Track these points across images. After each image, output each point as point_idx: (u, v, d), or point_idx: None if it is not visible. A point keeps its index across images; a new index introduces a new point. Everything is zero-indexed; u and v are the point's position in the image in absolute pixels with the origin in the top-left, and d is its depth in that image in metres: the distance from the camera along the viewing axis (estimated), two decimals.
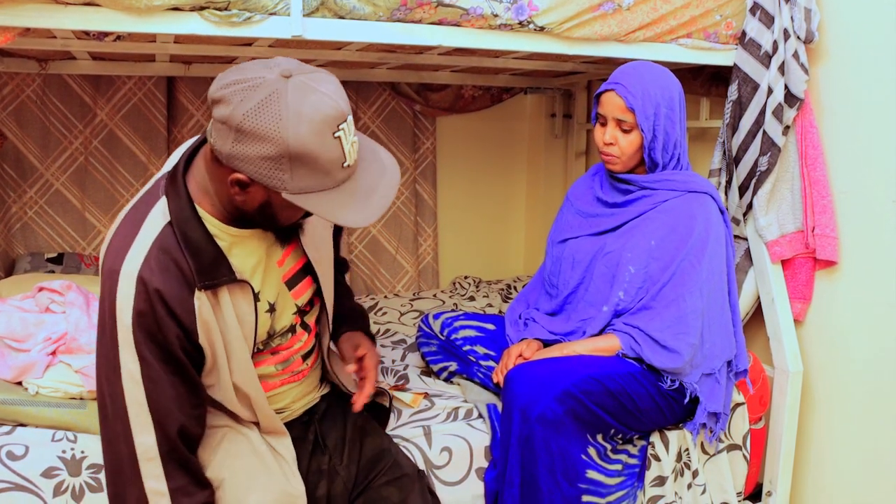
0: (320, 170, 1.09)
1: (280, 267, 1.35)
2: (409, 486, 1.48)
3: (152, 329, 1.14)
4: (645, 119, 1.67)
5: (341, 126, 1.08)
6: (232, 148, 1.07)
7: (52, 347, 1.60)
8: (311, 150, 1.06)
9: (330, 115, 1.07)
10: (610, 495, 1.66)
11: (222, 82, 1.08)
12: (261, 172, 1.07)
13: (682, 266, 1.68)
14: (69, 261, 2.52)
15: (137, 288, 1.13)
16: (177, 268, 1.16)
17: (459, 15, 1.62)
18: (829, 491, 2.00)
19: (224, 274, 1.19)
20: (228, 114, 1.05)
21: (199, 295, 1.17)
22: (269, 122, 1.04)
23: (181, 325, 1.16)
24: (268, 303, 1.33)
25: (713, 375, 1.74)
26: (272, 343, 1.37)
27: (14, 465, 1.43)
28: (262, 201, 1.15)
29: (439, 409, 1.79)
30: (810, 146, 1.94)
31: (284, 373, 1.44)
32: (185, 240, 1.16)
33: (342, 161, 1.10)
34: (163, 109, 2.66)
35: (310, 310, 1.45)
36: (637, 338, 1.68)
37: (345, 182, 1.13)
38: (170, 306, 1.14)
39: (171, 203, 1.18)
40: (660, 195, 1.74)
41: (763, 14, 1.87)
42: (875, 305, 1.85)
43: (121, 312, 1.13)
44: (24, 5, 1.36)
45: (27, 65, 2.39)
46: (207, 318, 1.19)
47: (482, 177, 3.34)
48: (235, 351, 1.25)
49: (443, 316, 2.00)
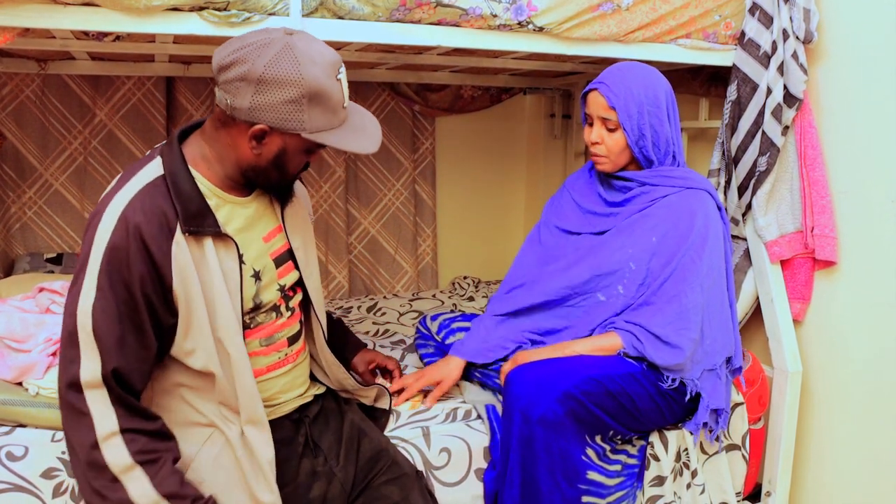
0: (330, 108, 1.24)
1: (266, 243, 1.42)
2: (409, 485, 1.49)
3: (121, 266, 1.18)
4: (627, 118, 1.67)
5: (340, 69, 1.26)
6: (252, 100, 1.20)
7: (53, 348, 1.59)
8: (325, 88, 1.21)
9: (333, 58, 1.24)
10: (610, 496, 1.66)
11: (229, 49, 1.21)
12: (281, 117, 1.21)
13: (682, 262, 1.68)
14: (68, 261, 2.52)
15: (118, 224, 1.19)
16: (161, 212, 1.22)
17: (458, 15, 1.62)
18: (829, 491, 2.00)
19: (210, 225, 1.26)
20: (247, 69, 1.18)
21: (179, 240, 1.22)
22: (289, 68, 1.18)
23: (153, 264, 1.20)
24: (253, 269, 1.37)
25: (715, 371, 1.74)
26: (258, 319, 1.40)
27: (13, 466, 1.43)
28: (278, 150, 1.27)
29: (438, 409, 1.79)
30: (809, 146, 1.94)
31: (270, 351, 1.44)
32: (175, 189, 1.24)
33: (342, 102, 1.27)
34: (162, 110, 2.66)
35: (293, 295, 1.50)
36: (639, 335, 1.68)
37: (345, 121, 1.29)
38: (146, 243, 1.19)
39: (165, 159, 1.27)
40: (658, 191, 1.74)
41: (762, 14, 1.87)
42: (874, 305, 1.85)
43: (96, 245, 1.19)
44: (24, 5, 1.36)
45: (26, 65, 2.39)
46: (185, 265, 1.23)
47: (481, 177, 3.34)
48: (219, 306, 1.27)
49: (440, 317, 2.00)
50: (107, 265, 1.18)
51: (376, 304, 2.86)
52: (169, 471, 1.22)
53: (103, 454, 1.17)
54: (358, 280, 3.11)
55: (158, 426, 1.26)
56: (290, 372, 1.50)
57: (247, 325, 1.38)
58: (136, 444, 1.20)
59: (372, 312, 2.74)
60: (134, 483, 1.18)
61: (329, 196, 2.97)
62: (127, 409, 1.21)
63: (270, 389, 1.45)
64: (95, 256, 1.19)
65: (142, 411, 1.24)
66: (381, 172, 3.07)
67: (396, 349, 2.25)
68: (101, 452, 1.17)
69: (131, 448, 1.19)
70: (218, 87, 1.25)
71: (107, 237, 1.19)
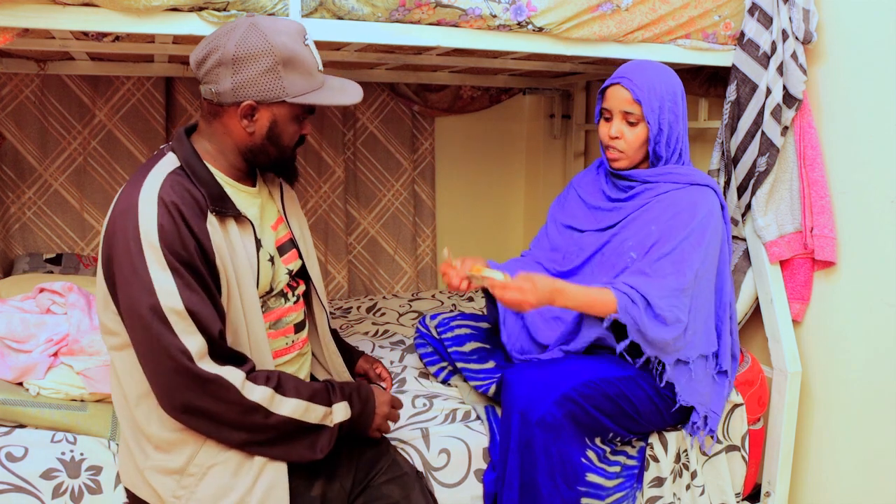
0: (306, 71, 1.32)
1: (274, 231, 1.49)
2: (410, 484, 1.49)
3: (176, 243, 1.23)
4: (651, 111, 1.68)
5: (306, 36, 1.34)
6: (233, 79, 1.28)
7: (53, 349, 1.60)
8: (296, 53, 1.30)
9: (296, 27, 1.33)
10: (609, 497, 1.66)
11: (201, 45, 1.31)
12: (263, 88, 1.29)
13: (682, 245, 1.65)
14: (68, 261, 2.52)
15: (158, 206, 1.23)
16: (190, 195, 1.28)
17: (458, 15, 1.62)
18: (828, 491, 2.00)
19: (231, 207, 1.33)
20: (220, 54, 1.27)
21: (212, 220, 1.29)
22: (258, 41, 1.27)
23: (198, 241, 1.26)
24: (268, 254, 1.45)
25: (688, 366, 1.70)
26: (268, 303, 1.47)
27: (13, 467, 1.43)
28: (269, 123, 1.34)
29: (437, 410, 1.79)
30: (809, 147, 1.94)
31: (278, 335, 1.49)
32: (195, 175, 1.31)
33: (316, 65, 1.35)
34: (161, 110, 2.66)
35: (297, 285, 1.57)
36: (636, 300, 1.59)
37: (325, 83, 1.37)
38: (188, 221, 1.25)
39: (179, 152, 1.34)
40: (661, 187, 1.74)
41: (761, 15, 1.87)
42: (873, 306, 1.85)
43: (146, 234, 1.22)
44: (23, 6, 1.36)
45: (26, 65, 2.39)
46: (220, 244, 1.30)
47: (481, 177, 3.34)
48: (245, 285, 1.35)
49: (439, 316, 1.99)
50: (165, 245, 1.22)
51: (376, 304, 2.86)
52: (293, 381, 1.36)
53: (250, 398, 1.27)
54: (357, 280, 3.11)
55: (252, 362, 1.34)
56: (296, 361, 1.54)
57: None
58: (260, 378, 1.31)
59: (371, 313, 2.74)
60: (284, 406, 1.31)
61: (328, 196, 2.97)
62: (234, 361, 1.30)
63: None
64: (150, 241, 1.22)
65: (239, 357, 1.32)
66: (380, 173, 3.07)
67: (396, 349, 2.25)
68: (248, 398, 1.27)
69: (259, 383, 1.29)
70: (201, 84, 1.33)
71: (154, 221, 1.22)
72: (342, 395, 1.41)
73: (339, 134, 2.96)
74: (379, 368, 1.86)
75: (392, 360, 2.15)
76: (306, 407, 1.34)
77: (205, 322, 1.24)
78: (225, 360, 1.28)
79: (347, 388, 1.44)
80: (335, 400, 1.39)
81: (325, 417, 1.37)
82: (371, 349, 2.27)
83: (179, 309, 1.22)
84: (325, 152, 2.95)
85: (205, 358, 1.24)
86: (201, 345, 1.24)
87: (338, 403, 1.39)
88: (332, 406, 1.38)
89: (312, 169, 2.94)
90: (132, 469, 1.36)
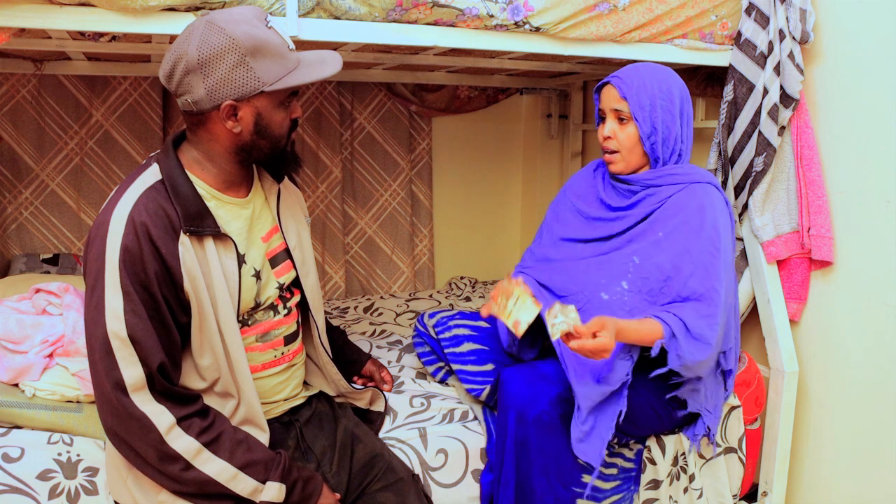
0: (276, 54, 1.25)
1: (265, 243, 1.44)
2: (405, 490, 1.48)
3: (137, 266, 1.21)
4: (639, 108, 1.65)
5: (268, 18, 1.28)
6: (205, 83, 1.23)
7: (49, 350, 1.59)
8: (260, 39, 1.23)
9: (254, 12, 1.27)
10: (606, 499, 1.66)
11: (165, 60, 1.26)
12: (238, 85, 1.23)
13: (702, 257, 1.61)
14: (64, 262, 2.52)
15: (127, 227, 1.21)
16: (164, 214, 1.25)
17: (455, 15, 1.62)
18: (825, 491, 2.01)
19: (209, 225, 1.28)
20: (185, 62, 1.22)
21: (184, 240, 1.25)
22: (218, 39, 1.21)
23: (164, 264, 1.23)
24: (254, 268, 1.40)
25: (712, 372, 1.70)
26: (255, 316, 1.43)
27: (9, 468, 1.42)
28: (254, 118, 1.28)
29: (435, 410, 1.79)
30: (806, 146, 1.95)
31: (266, 348, 1.45)
32: (174, 191, 1.27)
33: (286, 45, 1.28)
34: (158, 110, 2.65)
35: (290, 296, 1.52)
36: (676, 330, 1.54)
37: (300, 61, 1.30)
38: (155, 243, 1.22)
39: (162, 164, 1.30)
40: (664, 191, 1.69)
41: (758, 14, 1.87)
42: (870, 305, 1.85)
43: (110, 252, 1.21)
44: (19, 5, 1.36)
45: (22, 65, 2.38)
46: (191, 266, 1.26)
47: (478, 177, 3.34)
48: (221, 304, 1.31)
49: (438, 315, 1.96)
50: (124, 268, 1.20)
51: (373, 304, 2.85)
52: (233, 442, 1.29)
53: (172, 446, 1.22)
54: (354, 280, 3.11)
55: (201, 404, 1.31)
56: (285, 372, 1.50)
57: (245, 322, 1.41)
58: (194, 427, 1.25)
59: (369, 313, 2.74)
60: (209, 465, 1.25)
61: (325, 196, 2.97)
62: (174, 400, 1.25)
63: (262, 388, 1.46)
64: (112, 262, 1.20)
65: (184, 397, 1.28)
66: (377, 173, 3.07)
67: (393, 349, 2.25)
68: (170, 445, 1.22)
69: (192, 433, 1.24)
70: (177, 98, 1.29)
71: (119, 241, 1.21)
72: (283, 477, 1.31)
73: (337, 134, 2.96)
74: (384, 373, 1.87)
75: (390, 360, 2.15)
76: (234, 474, 1.27)
77: (146, 353, 1.21)
78: (163, 398, 1.23)
79: (297, 473, 1.35)
80: (272, 478, 1.30)
81: (253, 492, 1.29)
82: (369, 349, 2.26)
83: (123, 336, 1.19)
84: (322, 152, 2.94)
85: (141, 391, 1.21)
86: (139, 377, 1.20)
87: (272, 483, 1.30)
88: (266, 483, 1.29)
89: (310, 169, 2.93)
90: (116, 478, 1.37)
